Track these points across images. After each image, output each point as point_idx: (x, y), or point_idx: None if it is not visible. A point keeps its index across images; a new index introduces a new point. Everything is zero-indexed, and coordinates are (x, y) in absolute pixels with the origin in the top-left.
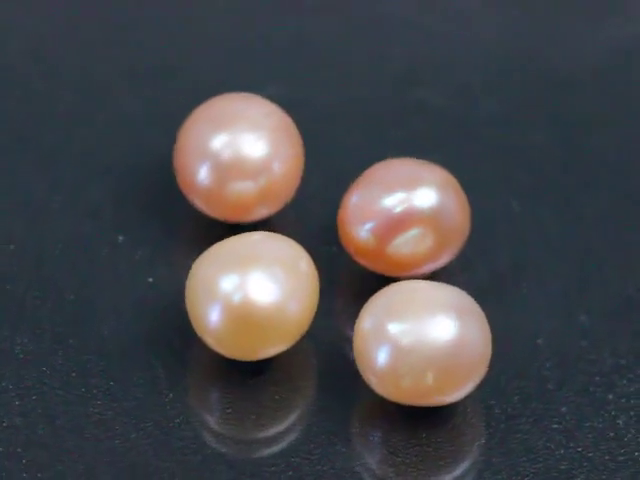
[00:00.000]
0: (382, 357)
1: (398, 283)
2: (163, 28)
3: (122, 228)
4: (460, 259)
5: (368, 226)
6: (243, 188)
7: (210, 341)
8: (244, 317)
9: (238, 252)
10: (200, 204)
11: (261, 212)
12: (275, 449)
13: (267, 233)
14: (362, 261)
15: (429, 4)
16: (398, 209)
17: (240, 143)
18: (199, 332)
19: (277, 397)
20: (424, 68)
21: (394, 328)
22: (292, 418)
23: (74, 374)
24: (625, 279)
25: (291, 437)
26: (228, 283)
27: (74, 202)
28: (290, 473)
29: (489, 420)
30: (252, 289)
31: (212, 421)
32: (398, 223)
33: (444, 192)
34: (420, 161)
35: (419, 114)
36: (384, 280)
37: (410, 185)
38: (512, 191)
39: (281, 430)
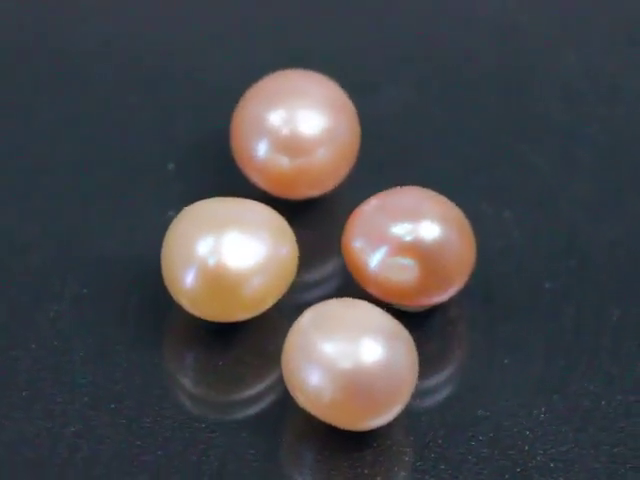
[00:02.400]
0: (310, 375)
1: (334, 300)
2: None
3: (175, 162)
4: (465, 306)
5: (362, 244)
6: (289, 164)
7: (185, 302)
8: (218, 279)
9: (220, 214)
10: (253, 176)
11: (306, 190)
12: (202, 414)
13: (261, 204)
14: (359, 282)
15: (582, 65)
16: (407, 238)
17: (296, 119)
18: (174, 293)
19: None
20: (535, 123)
21: (322, 346)
22: (245, 389)
23: (54, 275)
24: (604, 390)
25: (226, 406)
26: (204, 245)
27: (148, 135)
28: (187, 434)
29: (394, 464)
30: (227, 252)
31: (152, 362)
32: (394, 250)
33: (446, 227)
34: (431, 193)
35: (509, 166)
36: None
37: (413, 216)
38: (551, 271)
39: (228, 401)
